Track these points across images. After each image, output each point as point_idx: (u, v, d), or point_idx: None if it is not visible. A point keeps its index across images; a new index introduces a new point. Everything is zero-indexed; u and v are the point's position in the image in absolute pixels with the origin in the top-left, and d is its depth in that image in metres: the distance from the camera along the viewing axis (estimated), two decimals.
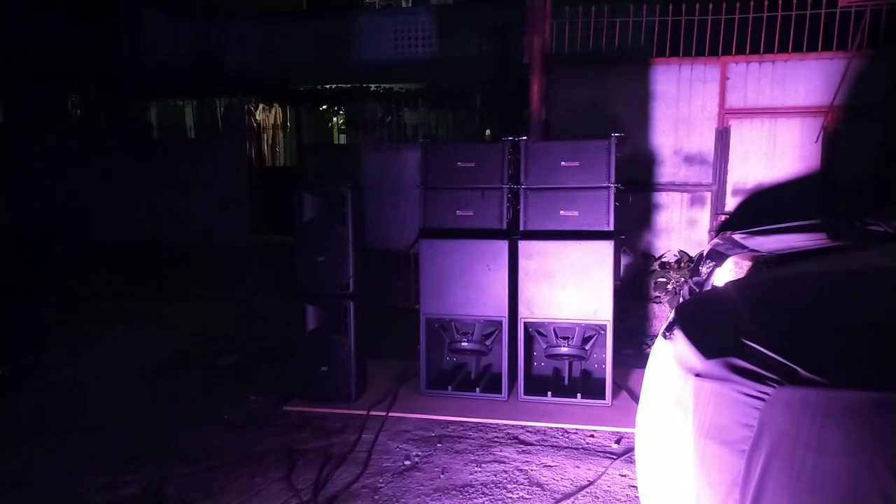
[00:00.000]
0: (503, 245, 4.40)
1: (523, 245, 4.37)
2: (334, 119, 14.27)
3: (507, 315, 4.44)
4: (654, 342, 5.79)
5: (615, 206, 4.31)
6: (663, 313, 6.13)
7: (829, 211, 5.72)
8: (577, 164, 4.36)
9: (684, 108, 6.12)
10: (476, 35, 13.43)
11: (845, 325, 2.01)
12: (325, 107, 13.95)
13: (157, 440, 3.88)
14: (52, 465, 3.55)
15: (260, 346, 5.84)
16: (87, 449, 3.75)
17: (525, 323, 4.43)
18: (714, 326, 2.28)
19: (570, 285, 4.31)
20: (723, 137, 6.07)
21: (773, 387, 1.76)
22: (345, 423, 4.11)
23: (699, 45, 6.05)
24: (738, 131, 6.04)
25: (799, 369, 1.75)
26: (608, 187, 4.30)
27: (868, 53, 5.67)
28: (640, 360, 5.41)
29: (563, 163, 4.38)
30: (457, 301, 4.49)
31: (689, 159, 6.18)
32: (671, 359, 2.30)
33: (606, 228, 4.31)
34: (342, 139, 14.15)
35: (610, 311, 4.28)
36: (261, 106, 13.81)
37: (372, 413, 4.23)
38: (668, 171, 6.22)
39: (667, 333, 2.46)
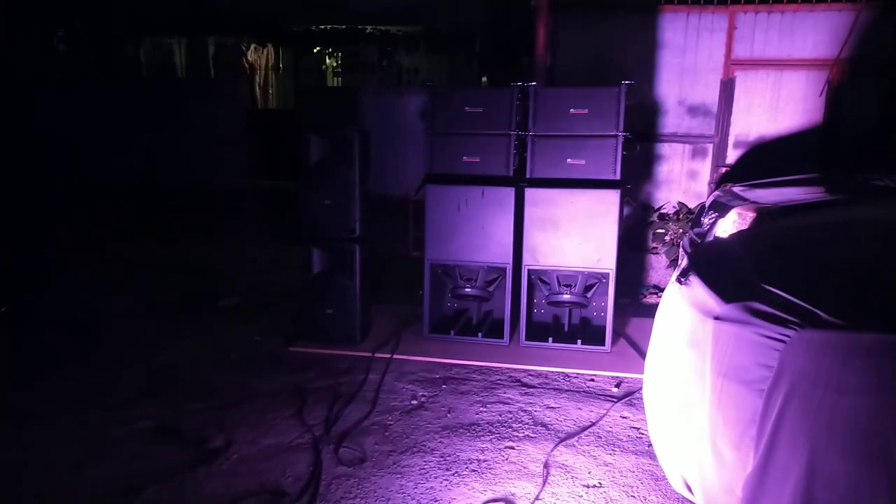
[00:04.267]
0: (510, 192, 4.41)
1: (530, 192, 4.38)
2: (328, 61, 14.01)
3: (511, 262, 4.48)
4: (650, 292, 5.89)
5: (622, 155, 4.32)
6: (660, 264, 6.21)
7: (831, 165, 5.76)
8: (585, 111, 4.34)
9: (690, 57, 6.06)
10: None
11: (859, 272, 2.06)
12: (318, 48, 13.67)
13: (166, 378, 3.93)
14: (66, 399, 3.59)
15: (259, 289, 5.87)
16: (98, 385, 3.80)
17: (528, 270, 4.48)
18: (731, 272, 2.32)
19: (574, 233, 4.35)
20: (727, 88, 6.04)
21: (795, 329, 1.81)
22: (351, 364, 4.18)
23: None
24: (742, 83, 6.00)
25: (819, 312, 1.80)
26: (616, 136, 4.29)
27: (877, 6, 5.62)
28: (637, 309, 5.53)
29: (571, 110, 4.36)
30: (461, 247, 4.52)
31: (693, 110, 6.16)
32: (687, 303, 2.35)
33: (613, 177, 4.32)
34: (336, 82, 13.92)
35: (613, 260, 4.34)
36: (252, 46, 13.52)
37: (377, 355, 4.30)
38: (671, 121, 6.20)
39: (682, 279, 2.51)
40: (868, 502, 1.64)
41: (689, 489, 2.17)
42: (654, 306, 5.63)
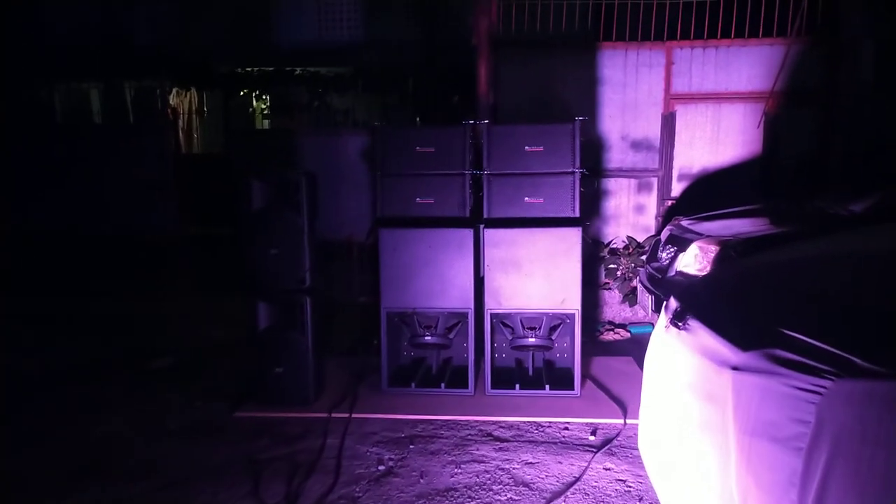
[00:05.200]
0: (468, 233, 4.21)
1: (489, 233, 4.20)
2: (255, 104, 13.63)
3: (472, 307, 4.26)
4: (606, 328, 5.78)
5: (580, 191, 4.21)
6: (614, 299, 6.13)
7: (771, 195, 5.86)
8: (541, 148, 4.22)
9: (631, 93, 6.11)
10: (403, 17, 13.09)
11: (878, 312, 1.94)
12: (245, 91, 13.27)
13: (98, 455, 3.47)
14: None
15: (194, 347, 5.42)
16: (18, 469, 3.30)
17: (491, 314, 4.27)
18: (738, 315, 2.17)
19: (537, 274, 4.18)
20: (669, 122, 6.10)
21: (831, 379, 1.65)
22: (305, 428, 3.82)
23: (644, 29, 6.04)
24: (683, 116, 6.08)
25: (856, 360, 1.65)
26: (573, 172, 4.18)
27: (806, 40, 5.83)
28: (596, 347, 5.40)
29: (526, 147, 4.23)
30: (419, 293, 4.28)
31: (637, 145, 6.18)
32: (690, 350, 2.18)
33: (572, 215, 4.20)
34: (265, 125, 13.53)
35: (578, 300, 4.19)
36: (174, 90, 13.01)
37: (334, 415, 3.97)
38: (616, 156, 6.20)
39: (678, 323, 2.34)
40: None
41: None
42: (612, 343, 5.57)
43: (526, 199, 4.23)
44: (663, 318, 2.60)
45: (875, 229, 3.20)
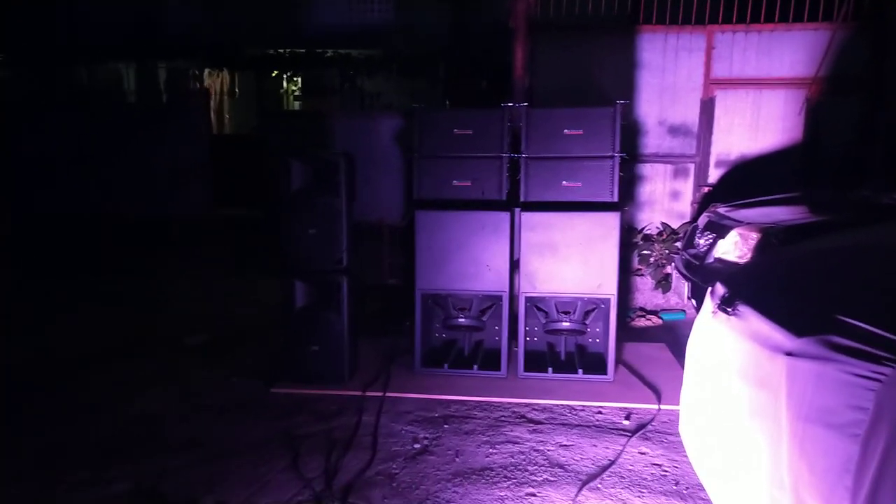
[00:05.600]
0: (505, 216, 4.20)
1: (526, 217, 4.18)
2: (286, 85, 13.69)
3: (507, 290, 4.26)
4: (638, 315, 5.74)
5: (619, 176, 4.17)
6: (646, 286, 6.09)
7: (812, 183, 5.75)
8: (580, 132, 4.18)
9: (669, 77, 6.02)
10: (434, 0, 13.01)
11: None
12: (276, 73, 13.33)
13: (137, 430, 3.55)
14: (27, 463, 3.18)
15: (227, 325, 5.50)
16: (61, 442, 3.39)
17: (525, 297, 4.26)
18: (791, 302, 2.14)
19: (574, 258, 4.16)
20: (707, 108, 6.01)
21: (891, 366, 1.63)
22: (341, 406, 3.87)
23: (685, 12, 5.94)
24: (722, 102, 5.98)
25: None
26: (613, 157, 4.15)
27: (852, 25, 5.68)
28: (627, 333, 5.37)
29: (565, 131, 4.20)
30: (455, 275, 4.28)
31: (674, 130, 6.10)
32: (741, 335, 2.16)
33: (611, 199, 4.17)
34: (296, 107, 13.59)
35: (615, 286, 4.16)
36: (206, 71, 13.12)
37: (368, 394, 4.01)
38: (652, 141, 6.12)
39: (727, 308, 2.32)
40: None
41: None
42: (644, 330, 5.53)
43: (564, 182, 4.21)
44: (709, 304, 2.57)
45: None
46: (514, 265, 4.30)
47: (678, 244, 5.71)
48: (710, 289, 2.68)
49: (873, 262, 2.38)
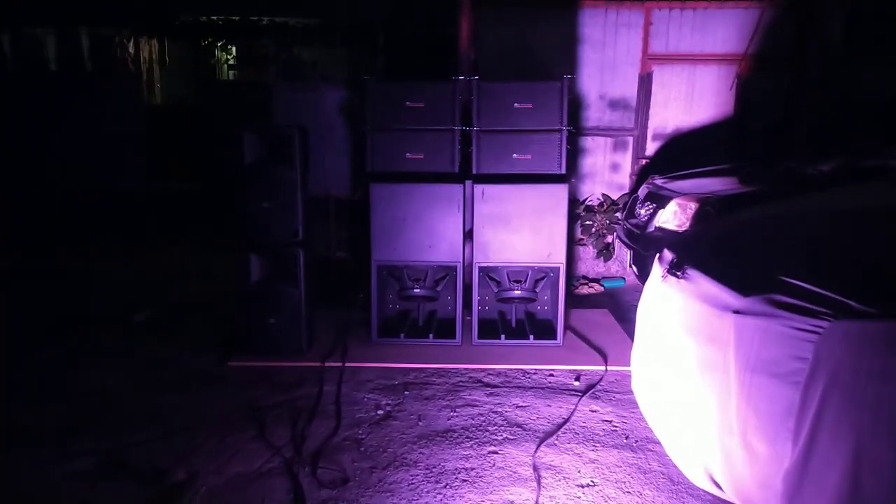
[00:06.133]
0: (458, 189, 4.30)
1: (478, 189, 4.29)
2: (219, 54, 13.27)
3: (461, 260, 4.38)
4: (581, 283, 5.97)
5: (566, 149, 4.33)
6: (588, 255, 6.33)
7: (740, 155, 6.08)
8: (529, 105, 4.31)
9: (610, 52, 6.20)
10: None
11: (865, 261, 2.12)
12: (209, 41, 12.90)
13: (94, 407, 3.51)
14: None
15: (172, 301, 5.42)
16: (18, 422, 3.33)
17: (479, 267, 4.40)
18: (736, 265, 2.33)
19: (525, 229, 4.31)
20: (645, 83, 6.23)
21: (828, 320, 1.83)
22: (301, 376, 3.92)
23: None
24: (659, 77, 6.22)
25: (851, 302, 1.83)
26: (561, 130, 4.29)
27: (780, 4, 5.98)
28: (571, 300, 5.58)
29: (515, 104, 4.31)
30: (410, 247, 4.37)
31: (614, 104, 6.31)
32: (690, 297, 2.35)
33: (559, 172, 4.33)
34: (231, 76, 13.21)
35: (563, 254, 4.34)
36: (133, 39, 12.57)
37: (327, 364, 4.07)
38: (593, 115, 6.32)
39: (676, 272, 2.50)
40: None
41: (717, 485, 2.16)
42: (587, 297, 5.77)
43: (514, 155, 4.34)
44: (658, 269, 2.76)
45: (846, 189, 3.41)
46: (468, 236, 4.42)
47: (618, 214, 5.96)
48: (658, 255, 2.87)
49: (806, 227, 2.61)
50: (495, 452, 3.06)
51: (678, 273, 2.48)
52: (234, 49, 13.04)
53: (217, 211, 7.10)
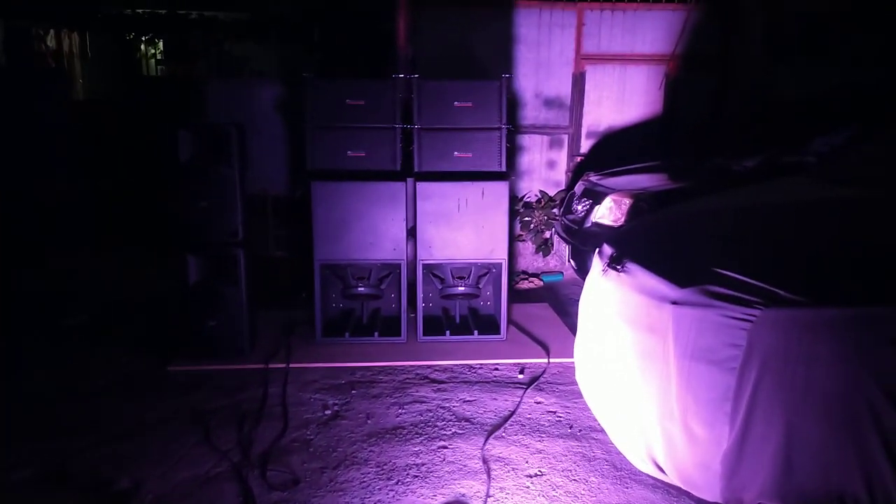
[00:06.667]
0: (400, 186, 4.32)
1: (421, 187, 4.32)
2: (144, 48, 12.80)
3: (405, 258, 4.40)
4: (521, 278, 6.09)
5: (506, 146, 4.41)
6: (527, 250, 6.46)
7: (669, 152, 6.32)
8: (469, 104, 4.36)
9: (545, 51, 6.34)
10: None
11: (792, 252, 2.26)
12: (133, 34, 12.42)
13: (30, 415, 3.37)
14: None
15: (103, 303, 5.22)
16: None
17: (423, 265, 4.43)
18: (671, 258, 2.45)
19: (467, 226, 4.37)
20: (579, 82, 6.40)
21: (760, 309, 1.95)
22: (244, 379, 3.86)
23: None
24: (592, 76, 6.40)
25: (780, 292, 1.95)
26: (500, 128, 4.37)
27: (704, 7, 6.25)
28: (512, 295, 5.68)
29: (456, 103, 4.36)
30: (353, 245, 4.36)
31: (549, 102, 6.45)
32: (629, 289, 2.45)
33: (500, 169, 4.40)
34: (157, 72, 12.76)
35: (505, 250, 4.42)
36: (51, 31, 11.98)
37: (271, 366, 4.03)
38: (530, 113, 6.44)
39: (615, 266, 2.60)
40: (841, 461, 1.81)
41: (660, 468, 2.27)
42: (527, 291, 5.89)
43: (455, 153, 4.38)
44: (598, 263, 2.86)
45: (768, 185, 3.61)
46: (411, 233, 4.44)
47: (556, 210, 6.10)
48: (597, 250, 2.97)
49: (734, 221, 2.76)
50: (445, 447, 3.10)
51: (618, 267, 2.57)
52: (161, 44, 12.61)
53: (150, 210, 6.88)
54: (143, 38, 12.46)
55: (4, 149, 6.73)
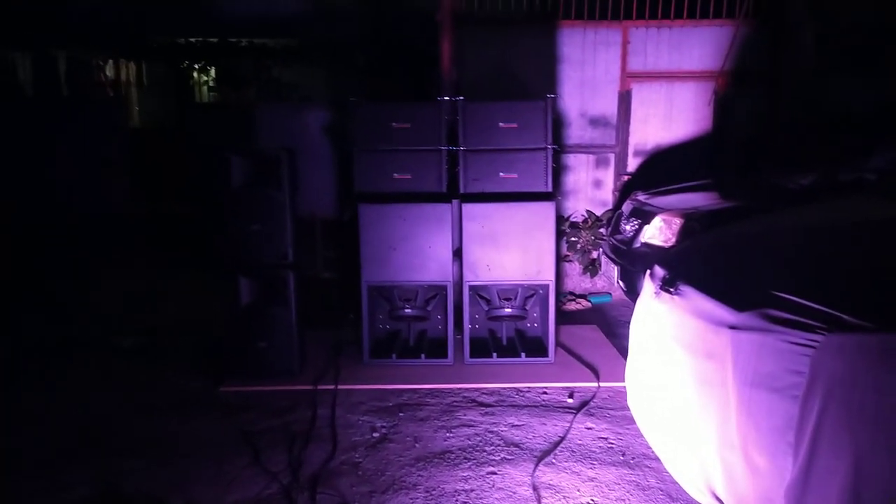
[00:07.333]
0: (446, 208, 4.33)
1: (466, 208, 4.32)
2: (197, 76, 13.23)
3: (451, 279, 4.40)
4: (568, 299, 6.02)
5: (552, 167, 4.38)
6: (574, 271, 6.39)
7: (718, 169, 6.20)
8: (515, 125, 4.36)
9: (589, 70, 6.31)
10: None
11: (855, 274, 2.18)
12: (187, 63, 12.86)
13: (86, 434, 3.46)
14: None
15: (159, 325, 5.36)
16: (16, 446, 3.27)
17: (469, 286, 4.42)
18: (728, 280, 2.38)
19: (513, 247, 4.34)
20: (625, 100, 6.34)
21: (823, 334, 1.87)
22: (293, 400, 3.90)
23: (602, 8, 6.23)
24: (638, 94, 6.33)
25: (844, 316, 1.88)
26: (546, 149, 4.35)
27: (752, 22, 6.14)
28: (559, 316, 5.61)
29: (501, 124, 4.36)
30: (400, 267, 4.38)
31: (594, 121, 6.40)
32: (684, 312, 2.39)
33: (545, 189, 4.37)
34: (209, 98, 13.16)
35: (552, 272, 4.38)
36: (110, 61, 12.50)
37: (319, 387, 4.05)
38: (575, 133, 6.41)
39: (668, 289, 2.54)
40: None
41: (718, 500, 2.19)
42: (574, 313, 5.82)
43: (501, 174, 4.38)
44: (650, 286, 2.80)
45: (826, 203, 3.49)
46: (457, 255, 4.44)
47: (602, 230, 6.03)
48: (649, 271, 2.92)
49: (792, 241, 2.67)
50: (494, 473, 3.06)
51: (671, 289, 2.52)
52: (213, 71, 13.01)
53: (204, 233, 7.06)
54: (196, 66, 12.89)
55: (66, 174, 7.01)
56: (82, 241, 7.32)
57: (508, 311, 4.49)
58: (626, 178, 6.45)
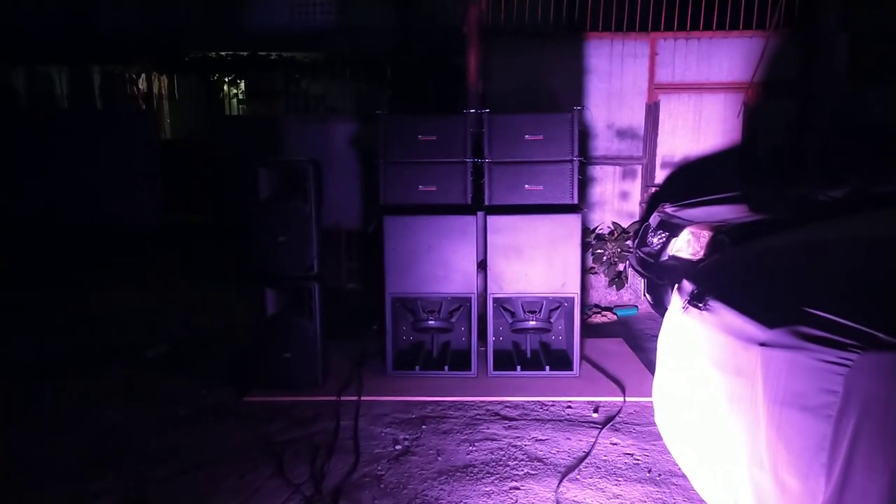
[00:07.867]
0: (471, 220, 4.32)
1: (491, 220, 4.31)
2: (227, 89, 13.44)
3: (475, 291, 4.38)
4: (594, 311, 5.95)
5: (578, 179, 4.35)
6: (600, 283, 6.33)
7: (749, 181, 6.10)
8: (540, 137, 4.35)
9: (616, 82, 6.27)
10: (378, 3, 13.01)
11: (891, 290, 2.11)
12: (217, 76, 13.08)
13: (110, 444, 3.50)
14: (9, 476, 3.11)
15: (184, 335, 5.42)
16: (34, 459, 3.32)
17: (493, 298, 4.40)
18: (758, 295, 2.33)
19: (538, 259, 4.32)
20: (652, 112, 6.28)
21: (857, 353, 1.82)
22: (317, 411, 3.91)
23: (630, 20, 6.20)
24: (666, 106, 6.27)
25: (879, 334, 1.82)
26: (572, 161, 4.32)
27: (783, 32, 6.06)
28: (584, 329, 5.55)
29: (526, 136, 4.35)
30: (424, 279, 4.37)
31: (621, 133, 6.36)
32: (714, 329, 2.34)
33: (571, 202, 4.35)
34: (239, 111, 13.36)
35: (578, 284, 4.34)
36: (143, 75, 12.75)
37: (343, 398, 4.06)
38: (601, 144, 6.36)
39: (697, 304, 2.50)
40: None
41: None
42: (600, 326, 5.75)
43: (526, 186, 4.36)
44: (678, 300, 2.75)
45: (860, 217, 3.41)
46: (481, 267, 4.43)
47: (629, 243, 5.97)
48: (677, 286, 2.87)
49: (824, 256, 2.61)
50: (517, 488, 3.03)
51: (700, 304, 2.47)
52: (242, 84, 13.21)
53: (231, 244, 7.14)
54: (227, 79, 13.10)
55: (99, 185, 7.15)
56: (115, 250, 7.45)
57: (533, 323, 4.45)
58: (653, 189, 6.38)
